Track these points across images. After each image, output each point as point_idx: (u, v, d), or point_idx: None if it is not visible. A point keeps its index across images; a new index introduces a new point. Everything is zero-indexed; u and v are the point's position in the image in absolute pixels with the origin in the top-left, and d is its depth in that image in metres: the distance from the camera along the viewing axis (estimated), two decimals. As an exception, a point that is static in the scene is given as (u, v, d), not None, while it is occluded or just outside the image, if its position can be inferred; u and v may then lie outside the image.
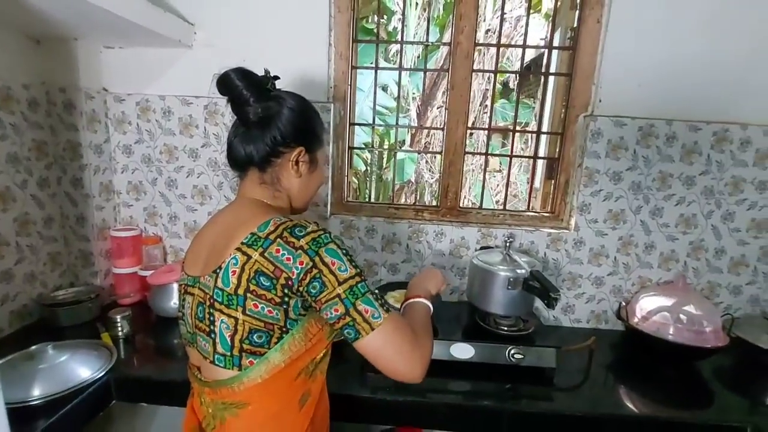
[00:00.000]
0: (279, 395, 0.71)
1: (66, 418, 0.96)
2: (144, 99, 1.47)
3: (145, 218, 1.56)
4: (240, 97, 0.75)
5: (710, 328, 1.25)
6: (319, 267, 0.65)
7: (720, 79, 1.35)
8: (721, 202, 1.44)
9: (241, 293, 0.66)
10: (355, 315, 0.66)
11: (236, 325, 0.66)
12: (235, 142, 0.79)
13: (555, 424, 1.08)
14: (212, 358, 0.69)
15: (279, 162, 0.78)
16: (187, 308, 0.75)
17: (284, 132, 0.76)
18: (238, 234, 0.69)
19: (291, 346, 0.69)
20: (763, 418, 1.06)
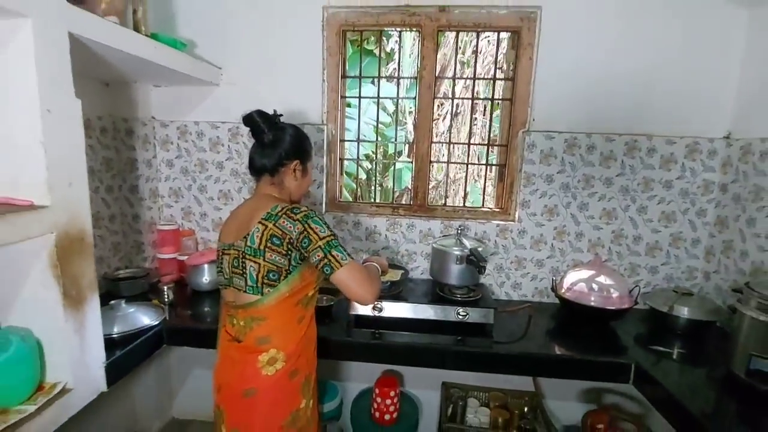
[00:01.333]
0: (284, 314, 1.11)
1: (135, 350, 1.38)
2: (183, 124, 1.92)
3: (181, 216, 2.00)
4: (258, 128, 1.16)
5: (616, 294, 1.61)
6: (307, 230, 1.05)
7: (629, 101, 1.72)
8: (635, 198, 1.80)
9: (262, 248, 1.06)
10: (330, 258, 1.05)
11: (259, 268, 1.07)
12: (255, 157, 1.20)
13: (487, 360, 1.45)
14: (245, 289, 1.09)
15: (283, 170, 1.19)
16: (225, 263, 1.15)
17: (286, 151, 1.17)
18: (259, 214, 1.09)
19: (292, 282, 1.09)
20: (644, 359, 1.41)
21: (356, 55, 4.12)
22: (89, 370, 1.19)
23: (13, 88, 0.99)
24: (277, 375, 1.07)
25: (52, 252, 1.05)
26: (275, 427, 1.08)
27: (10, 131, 1.00)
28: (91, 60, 1.34)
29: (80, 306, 1.13)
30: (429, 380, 2.00)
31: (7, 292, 1.09)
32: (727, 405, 1.23)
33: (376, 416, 1.79)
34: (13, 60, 0.98)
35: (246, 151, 1.91)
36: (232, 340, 1.12)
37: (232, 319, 1.14)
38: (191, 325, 1.59)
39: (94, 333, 1.19)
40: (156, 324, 1.47)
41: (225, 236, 1.17)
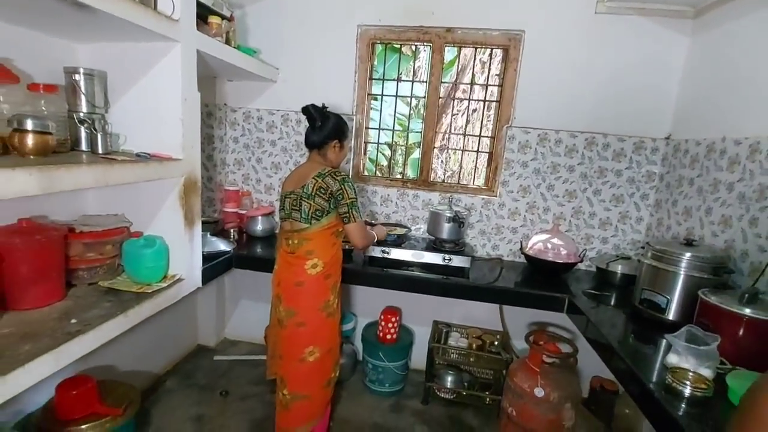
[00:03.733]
0: (324, 238, 1.69)
1: (216, 265, 2.00)
2: (247, 110, 2.53)
3: (242, 180, 2.62)
4: (312, 116, 1.72)
5: (565, 252, 2.13)
6: (343, 189, 1.63)
7: (590, 106, 2.22)
8: (592, 183, 2.30)
9: (313, 194, 1.63)
10: (350, 213, 1.64)
11: (310, 207, 1.64)
12: (308, 136, 1.75)
13: (462, 289, 2.01)
14: (299, 220, 1.67)
15: (326, 147, 1.75)
16: (287, 203, 1.72)
17: (330, 133, 1.73)
18: (312, 172, 1.66)
19: (329, 218, 1.67)
20: (578, 298, 1.92)
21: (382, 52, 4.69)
22: (194, 270, 1.81)
23: (167, 84, 1.59)
24: (317, 275, 1.67)
25: (180, 189, 1.66)
26: (314, 308, 1.67)
27: (164, 112, 1.61)
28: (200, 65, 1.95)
29: (192, 226, 1.75)
30: (422, 318, 2.57)
31: (151, 211, 1.71)
32: (627, 327, 1.74)
33: (380, 336, 2.38)
34: (167, 67, 1.58)
35: (293, 134, 2.51)
36: (289, 253, 1.72)
37: (288, 240, 1.73)
38: (250, 254, 2.21)
39: (197, 246, 1.81)
40: (228, 251, 2.09)
41: (287, 186, 1.75)
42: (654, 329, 1.62)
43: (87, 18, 1.26)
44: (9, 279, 1.28)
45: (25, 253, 1.29)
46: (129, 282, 1.61)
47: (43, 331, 1.20)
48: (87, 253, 1.52)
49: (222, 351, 2.72)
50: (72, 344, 1.18)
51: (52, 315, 1.31)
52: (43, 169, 1.03)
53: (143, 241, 1.64)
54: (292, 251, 1.70)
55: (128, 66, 1.61)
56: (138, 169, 1.39)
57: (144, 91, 1.62)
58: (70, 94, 1.49)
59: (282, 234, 1.78)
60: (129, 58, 1.60)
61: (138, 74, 1.62)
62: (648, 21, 2.12)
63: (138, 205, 1.73)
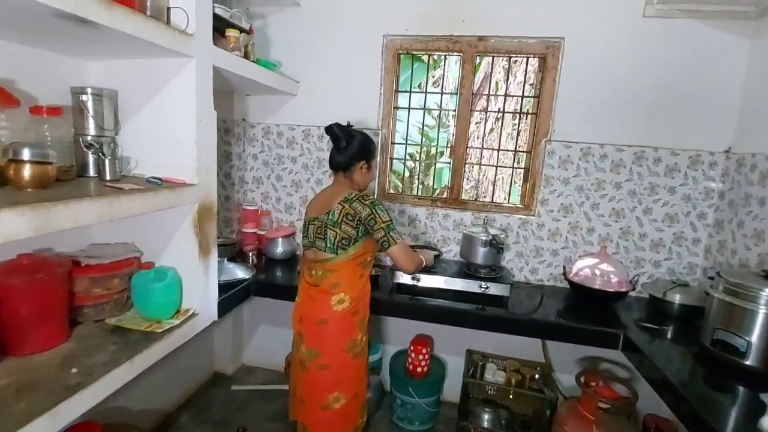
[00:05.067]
0: (351, 270, 1.54)
1: (234, 294, 1.85)
2: (266, 126, 2.41)
3: (261, 199, 2.49)
4: (336, 136, 1.57)
5: (616, 279, 1.92)
6: (374, 214, 1.47)
7: (638, 117, 2.02)
8: (642, 200, 2.09)
9: (339, 221, 1.48)
10: (388, 237, 1.47)
11: (336, 235, 1.49)
12: (333, 157, 1.61)
13: (500, 322, 1.81)
14: (324, 249, 1.51)
15: (353, 168, 1.60)
16: (311, 231, 1.57)
17: (356, 154, 1.58)
18: (338, 197, 1.52)
19: (357, 247, 1.52)
20: (634, 332, 1.71)
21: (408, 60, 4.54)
22: (209, 303, 1.66)
23: (180, 104, 1.47)
24: (343, 311, 1.50)
25: (194, 216, 1.53)
26: (339, 349, 1.51)
27: (177, 134, 1.48)
28: (217, 81, 1.83)
29: (207, 256, 1.61)
30: (455, 347, 2.37)
31: (163, 240, 1.58)
32: (695, 369, 1.52)
33: (410, 369, 2.20)
34: (181, 85, 1.46)
35: (315, 150, 2.37)
36: (312, 285, 1.56)
37: (311, 271, 1.57)
38: (271, 281, 2.06)
39: (213, 276, 1.67)
40: (247, 278, 1.95)
41: (311, 211, 1.61)
42: (731, 375, 1.41)
43: (93, 34, 1.14)
44: (8, 323, 1.16)
45: (26, 294, 1.17)
46: (138, 319, 1.47)
47: (42, 383, 1.08)
48: (93, 288, 1.39)
49: (239, 380, 2.57)
50: (71, 402, 1.04)
51: (54, 361, 1.18)
52: (37, 207, 0.89)
53: (153, 274, 1.50)
54: (316, 283, 1.54)
55: (140, 84, 1.50)
56: (147, 198, 1.25)
57: (156, 111, 1.50)
58: (77, 115, 1.37)
59: (304, 263, 1.63)
60: (140, 76, 1.48)
61: (150, 93, 1.50)
62: (703, 24, 1.91)
63: (149, 234, 1.60)
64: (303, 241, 1.64)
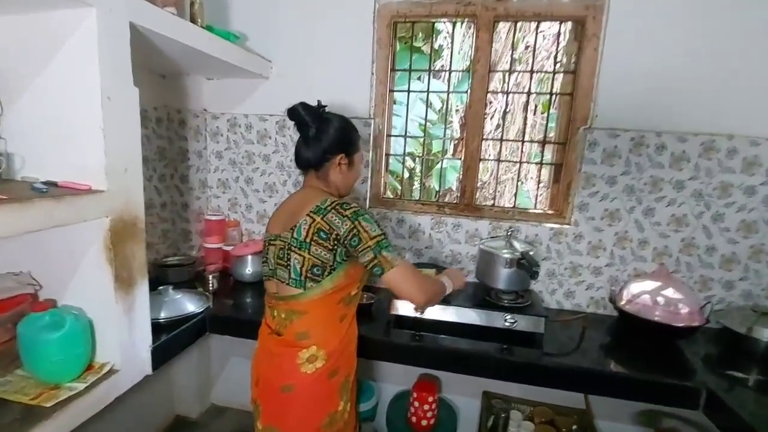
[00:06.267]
0: (326, 310, 1.08)
1: (180, 335, 1.40)
2: (233, 117, 1.95)
3: (228, 207, 2.04)
4: (303, 122, 1.12)
5: (686, 310, 1.45)
6: (357, 228, 1.01)
7: (707, 95, 1.55)
8: (710, 204, 1.62)
9: (308, 241, 1.03)
10: (380, 258, 1.01)
11: (303, 261, 1.04)
12: (300, 151, 1.16)
13: (534, 372, 1.35)
14: (288, 281, 1.06)
15: (327, 165, 1.15)
16: (271, 254, 1.12)
17: (331, 145, 1.13)
18: (307, 206, 1.06)
19: (336, 278, 1.06)
20: (719, 386, 1.25)
21: (405, 51, 4.07)
22: (136, 353, 1.21)
23: (77, 75, 1.02)
24: (316, 373, 1.04)
25: (106, 235, 1.07)
26: (312, 428, 1.05)
27: (73, 117, 1.03)
28: (149, 51, 1.37)
29: (130, 289, 1.16)
30: (469, 387, 1.91)
31: (65, 272, 1.13)
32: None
33: (412, 421, 1.73)
34: (77, 48, 1.01)
35: (292, 144, 1.91)
36: (272, 333, 1.10)
37: (273, 311, 1.12)
38: (233, 314, 1.60)
39: (142, 316, 1.22)
40: (200, 311, 1.49)
41: (272, 227, 1.15)
42: None
43: None
44: None
45: None
46: (27, 383, 1.04)
47: None
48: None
49: (206, 425, 2.11)
50: None
51: None
52: None
53: (48, 319, 1.06)
54: (278, 331, 1.09)
55: (25, 51, 1.05)
56: (27, 213, 0.81)
57: (47, 88, 1.05)
58: None
59: (266, 300, 1.17)
60: (25, 38, 1.04)
61: (39, 63, 1.05)
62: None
63: (51, 260, 1.15)
64: (263, 269, 1.19)
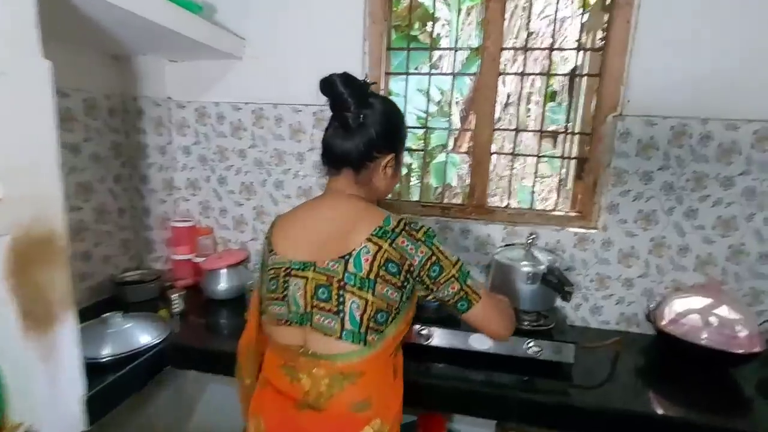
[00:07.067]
0: (383, 367, 0.83)
1: (129, 375, 1.13)
2: (201, 106, 1.67)
3: (199, 211, 1.76)
4: (344, 104, 0.83)
5: (744, 333, 1.20)
6: (436, 255, 0.81)
7: (761, 75, 1.31)
8: (764, 204, 1.37)
9: (372, 278, 0.77)
10: (466, 290, 0.84)
11: (366, 306, 0.78)
12: (334, 144, 0.86)
13: (566, 415, 1.10)
14: (339, 335, 0.78)
15: (371, 165, 0.88)
16: (295, 290, 0.82)
17: (379, 141, 0.86)
18: (362, 226, 0.80)
19: (400, 324, 0.83)
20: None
21: (401, 41, 3.78)
22: (62, 407, 0.94)
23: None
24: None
25: (7, 259, 0.80)
26: None
27: (-50, 98, 0.76)
28: (80, 22, 1.09)
29: (48, 327, 0.89)
30: (480, 417, 1.66)
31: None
32: None
33: (417, 461, 1.48)
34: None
35: (272, 138, 1.64)
36: (301, 407, 0.82)
37: (298, 374, 0.82)
38: (202, 342, 1.33)
39: (70, 360, 0.94)
40: (157, 342, 1.22)
41: (292, 248, 0.86)
42: None
43: None
44: None
45: None
46: None
47: None
48: None
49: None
50: None
51: None
52: None
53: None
54: (315, 404, 0.81)
55: None
56: None
57: None
58: None
59: (277, 354, 0.88)
60: None
61: None
62: None
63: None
64: (270, 307, 0.88)
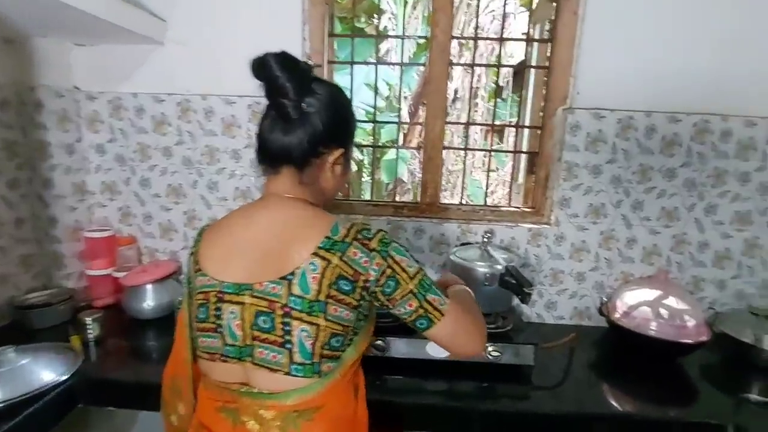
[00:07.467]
0: (344, 393, 0.72)
1: (28, 422, 0.93)
2: (116, 97, 1.45)
3: (119, 218, 1.54)
4: (281, 89, 0.69)
5: (692, 323, 1.22)
6: (392, 267, 0.68)
7: (700, 70, 1.33)
8: (703, 195, 1.42)
9: (323, 299, 0.65)
10: (426, 306, 0.70)
11: (318, 332, 0.65)
12: (271, 138, 0.72)
13: (530, 423, 1.05)
14: (288, 370, 0.66)
15: (317, 162, 0.74)
16: (231, 319, 0.68)
17: (326, 134, 0.72)
18: (307, 237, 0.67)
19: (359, 345, 0.72)
20: (744, 417, 1.04)
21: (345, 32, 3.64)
22: None
23: None
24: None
25: None
26: None
27: None
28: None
29: None
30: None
31: None
32: None
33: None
34: None
35: (201, 133, 1.46)
36: None
37: (242, 417, 0.69)
38: (121, 375, 1.14)
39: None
40: (64, 379, 1.02)
41: (220, 270, 0.71)
42: None
43: None
44: None
45: None
46: None
47: None
48: None
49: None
50: None
51: None
52: None
53: None
54: None
55: None
56: None
57: None
58: None
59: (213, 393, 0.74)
60: None
61: None
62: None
63: None
64: (200, 340, 0.73)
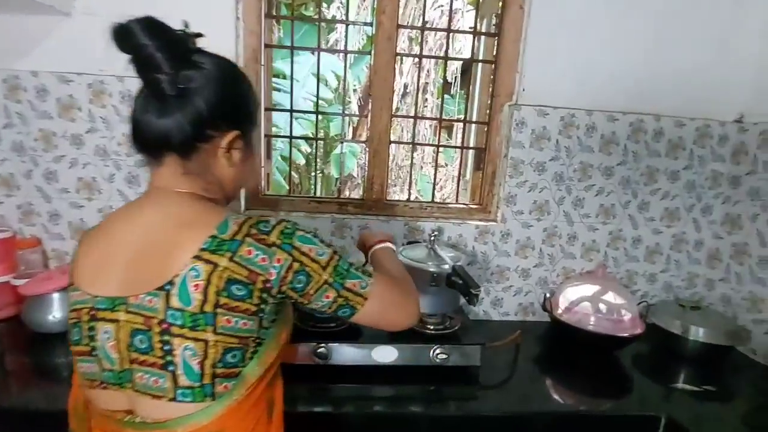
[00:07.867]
0: (252, 413, 0.61)
1: None
2: (12, 76, 1.24)
3: (19, 217, 1.33)
4: (150, 61, 0.56)
5: (628, 317, 1.27)
6: (299, 259, 0.60)
7: (635, 70, 1.37)
8: (637, 192, 1.47)
9: (210, 310, 0.54)
10: (346, 294, 0.64)
11: (206, 349, 0.54)
12: (144, 120, 0.60)
13: (478, 425, 1.03)
14: (173, 395, 0.55)
15: (207, 148, 0.63)
16: (105, 340, 0.57)
17: (213, 114, 0.61)
18: (188, 238, 0.56)
19: (266, 357, 0.62)
20: (676, 407, 1.08)
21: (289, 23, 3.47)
22: None
23: None
24: None
25: None
26: None
27: None
28: None
29: None
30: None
31: None
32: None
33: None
34: None
35: (119, 120, 1.29)
36: None
37: None
38: (19, 399, 0.98)
39: None
40: (-65, 411, 0.85)
41: (92, 281, 0.60)
42: None
43: None
44: None
45: None
46: None
47: None
48: None
49: None
50: None
51: None
52: None
53: None
54: None
55: None
56: None
57: None
58: None
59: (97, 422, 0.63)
60: None
61: None
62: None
63: None
64: (83, 368, 0.61)
